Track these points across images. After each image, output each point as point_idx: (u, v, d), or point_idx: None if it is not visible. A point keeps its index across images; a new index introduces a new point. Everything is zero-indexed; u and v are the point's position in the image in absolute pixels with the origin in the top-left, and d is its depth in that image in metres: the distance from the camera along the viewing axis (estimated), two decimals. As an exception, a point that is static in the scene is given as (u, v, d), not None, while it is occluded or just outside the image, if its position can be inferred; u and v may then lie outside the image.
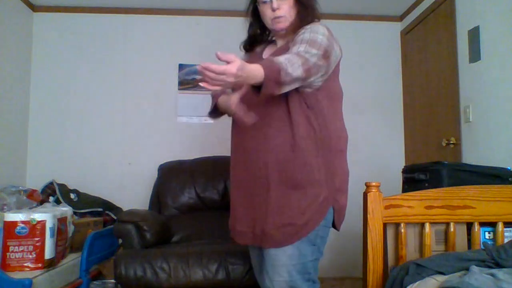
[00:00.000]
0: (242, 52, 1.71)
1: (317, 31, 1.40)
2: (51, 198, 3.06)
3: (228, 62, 1.12)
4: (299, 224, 1.39)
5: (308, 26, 1.44)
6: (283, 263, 1.40)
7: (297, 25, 1.49)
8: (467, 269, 1.38)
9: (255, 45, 1.66)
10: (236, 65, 1.12)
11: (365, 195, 1.74)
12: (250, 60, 1.58)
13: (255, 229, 1.45)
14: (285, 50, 1.45)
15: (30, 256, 2.07)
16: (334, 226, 1.51)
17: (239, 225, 1.52)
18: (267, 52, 1.61)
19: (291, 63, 1.27)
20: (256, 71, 1.20)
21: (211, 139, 3.43)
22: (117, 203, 3.28)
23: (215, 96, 1.64)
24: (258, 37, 1.65)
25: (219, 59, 1.12)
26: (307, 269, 1.43)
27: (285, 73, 1.24)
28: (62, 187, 3.19)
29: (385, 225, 1.73)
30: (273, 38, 1.65)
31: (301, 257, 1.41)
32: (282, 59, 1.27)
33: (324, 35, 1.40)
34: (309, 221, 1.40)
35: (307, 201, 1.40)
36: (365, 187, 1.75)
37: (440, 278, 1.39)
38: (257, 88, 1.25)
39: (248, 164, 1.48)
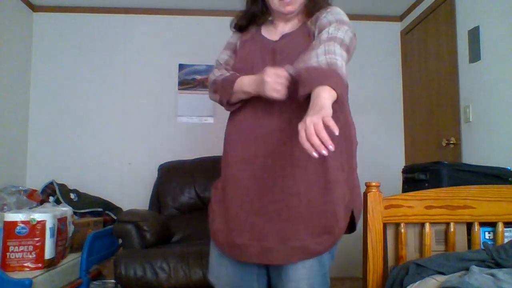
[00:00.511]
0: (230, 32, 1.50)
1: (339, 13, 1.31)
2: (51, 198, 3.06)
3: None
4: (336, 231, 1.22)
5: (328, 9, 1.32)
6: (302, 276, 1.22)
7: (308, 9, 1.36)
8: (467, 269, 1.38)
9: (251, 25, 1.45)
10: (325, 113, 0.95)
11: (365, 195, 1.73)
12: (245, 42, 1.41)
13: (267, 242, 1.20)
14: (298, 36, 1.32)
15: (30, 256, 2.07)
16: (351, 229, 1.32)
17: (239, 237, 1.25)
18: (266, 34, 1.41)
19: (333, 53, 1.10)
20: (328, 97, 1.00)
21: (211, 139, 3.43)
22: (117, 203, 3.28)
23: (231, 80, 1.31)
24: (258, 16, 1.44)
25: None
26: (327, 278, 1.28)
27: (339, 69, 1.07)
28: (62, 187, 3.19)
29: (385, 225, 1.73)
30: (270, 18, 1.46)
31: (321, 267, 1.25)
32: (321, 58, 1.09)
33: (346, 16, 1.32)
34: (342, 226, 1.24)
35: (339, 203, 1.22)
36: (365, 187, 1.75)
37: (440, 278, 1.39)
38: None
39: (266, 160, 1.23)
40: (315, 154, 0.91)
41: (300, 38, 1.30)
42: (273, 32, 1.41)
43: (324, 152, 0.91)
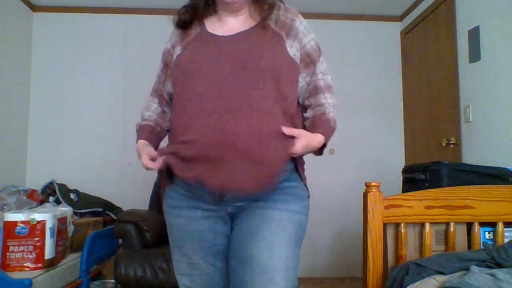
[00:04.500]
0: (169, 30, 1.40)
1: (307, 26, 1.27)
2: (51, 198, 3.07)
3: (294, 137, 1.14)
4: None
5: (293, 16, 1.26)
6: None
7: (259, 5, 1.23)
8: (467, 269, 1.38)
9: (194, 20, 1.29)
10: (301, 144, 1.14)
11: (365, 195, 1.73)
12: (190, 43, 1.25)
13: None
14: (265, 39, 1.20)
15: (30, 256, 2.08)
16: None
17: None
18: (213, 30, 1.25)
19: (332, 107, 1.27)
20: (318, 143, 1.20)
21: (211, 139, 3.43)
22: (117, 203, 3.28)
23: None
24: (201, 9, 1.27)
25: (286, 133, 1.14)
26: None
27: (334, 122, 1.26)
28: (62, 187, 3.19)
29: (385, 225, 1.73)
30: (216, 9, 1.28)
31: None
32: (326, 110, 1.25)
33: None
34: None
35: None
36: (365, 187, 1.75)
37: (440, 278, 1.39)
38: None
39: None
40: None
41: (270, 44, 1.19)
42: (221, 28, 1.26)
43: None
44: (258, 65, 1.16)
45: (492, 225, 1.75)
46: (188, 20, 1.29)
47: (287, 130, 1.14)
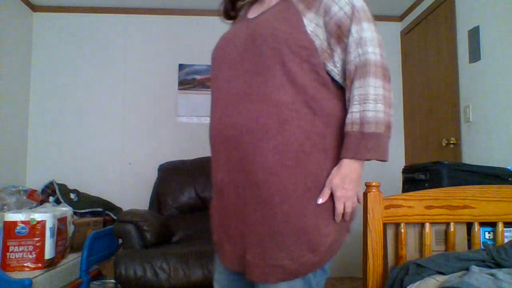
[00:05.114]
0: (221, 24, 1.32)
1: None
2: (51, 198, 3.06)
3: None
4: (322, 249, 1.09)
5: None
6: None
7: None
8: (467, 269, 1.38)
9: (237, 8, 1.23)
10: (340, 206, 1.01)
11: (365, 195, 1.73)
12: (230, 27, 1.21)
13: (248, 255, 1.06)
14: (274, 12, 1.07)
15: (30, 256, 2.07)
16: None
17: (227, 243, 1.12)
18: (250, 13, 1.18)
19: (359, 104, 0.98)
20: (354, 172, 1.00)
21: (211, 139, 3.43)
22: (117, 203, 3.28)
23: None
24: None
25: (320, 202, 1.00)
26: None
27: (372, 125, 0.98)
28: (62, 187, 3.19)
29: (385, 225, 1.73)
30: None
31: (307, 286, 1.08)
32: (355, 113, 0.98)
33: None
34: (330, 243, 1.09)
35: (322, 216, 1.06)
36: (365, 187, 1.75)
37: (440, 278, 1.39)
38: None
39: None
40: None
41: (279, 20, 1.03)
42: (257, 9, 1.15)
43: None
44: (257, 46, 1.01)
45: (492, 225, 1.75)
46: (229, 8, 1.24)
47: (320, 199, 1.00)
